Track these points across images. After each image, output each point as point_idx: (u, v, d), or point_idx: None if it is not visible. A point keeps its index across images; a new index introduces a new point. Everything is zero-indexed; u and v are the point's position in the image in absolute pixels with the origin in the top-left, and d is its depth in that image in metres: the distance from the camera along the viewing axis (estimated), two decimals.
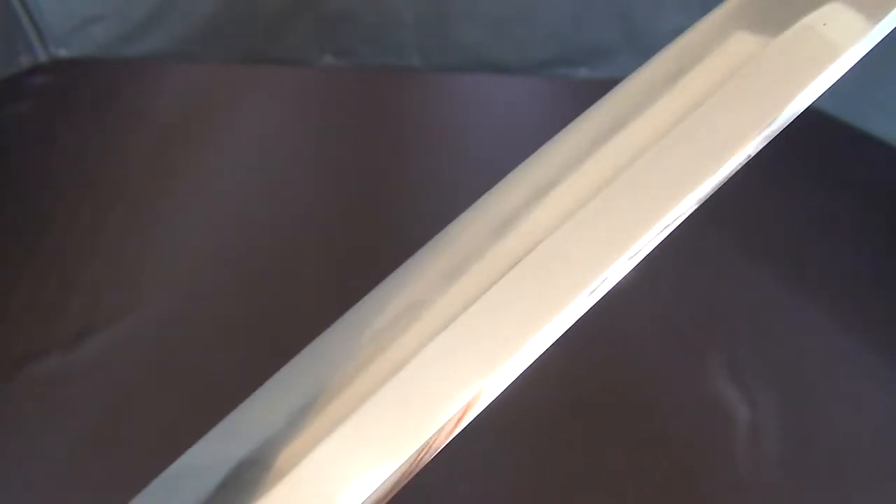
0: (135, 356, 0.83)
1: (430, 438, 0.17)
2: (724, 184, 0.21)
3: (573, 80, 1.31)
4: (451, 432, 0.18)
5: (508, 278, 0.19)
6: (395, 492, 0.17)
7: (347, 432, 0.17)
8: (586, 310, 0.19)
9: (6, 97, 1.21)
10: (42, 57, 1.29)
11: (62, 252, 0.96)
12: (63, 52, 1.30)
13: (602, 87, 0.23)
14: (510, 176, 0.22)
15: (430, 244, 0.21)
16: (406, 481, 0.17)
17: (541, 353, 0.19)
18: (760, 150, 0.24)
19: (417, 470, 0.18)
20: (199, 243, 0.99)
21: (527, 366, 0.19)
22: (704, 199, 0.20)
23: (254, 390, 0.20)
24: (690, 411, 0.81)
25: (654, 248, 0.20)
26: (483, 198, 0.21)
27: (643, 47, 1.30)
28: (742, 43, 0.21)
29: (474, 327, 0.18)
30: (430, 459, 0.18)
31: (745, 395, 0.80)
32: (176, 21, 1.28)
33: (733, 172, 0.20)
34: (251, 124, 1.22)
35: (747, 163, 0.23)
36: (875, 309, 0.93)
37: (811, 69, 0.20)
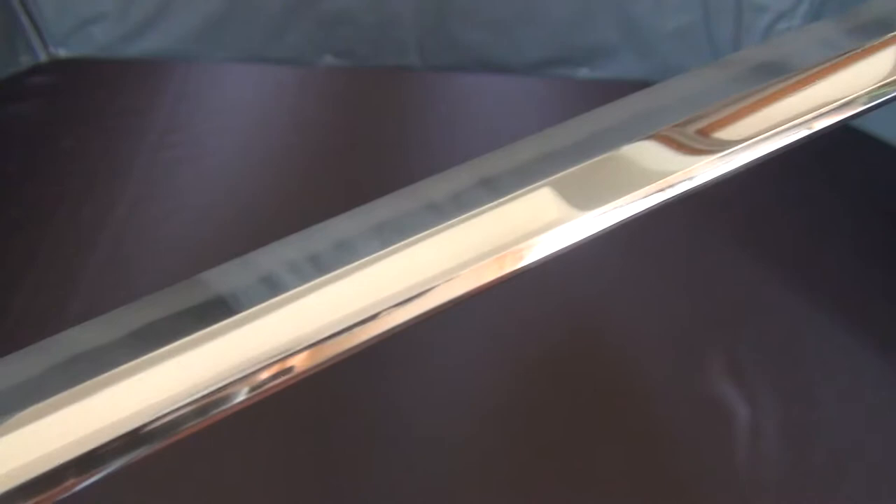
0: None
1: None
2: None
3: (573, 80, 1.31)
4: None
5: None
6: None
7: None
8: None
9: (6, 97, 1.21)
10: (42, 57, 1.29)
11: (62, 252, 0.96)
12: (63, 52, 1.30)
13: (602, 87, 0.23)
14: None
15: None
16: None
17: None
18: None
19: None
20: (198, 243, 0.99)
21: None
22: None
23: None
24: (690, 411, 0.81)
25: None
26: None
27: (643, 47, 1.30)
28: None
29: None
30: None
31: (745, 395, 0.80)
32: (176, 21, 1.28)
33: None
34: (251, 124, 1.22)
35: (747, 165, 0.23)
36: (875, 308, 0.93)
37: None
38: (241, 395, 0.17)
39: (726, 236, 1.01)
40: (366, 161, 1.14)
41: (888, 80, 0.23)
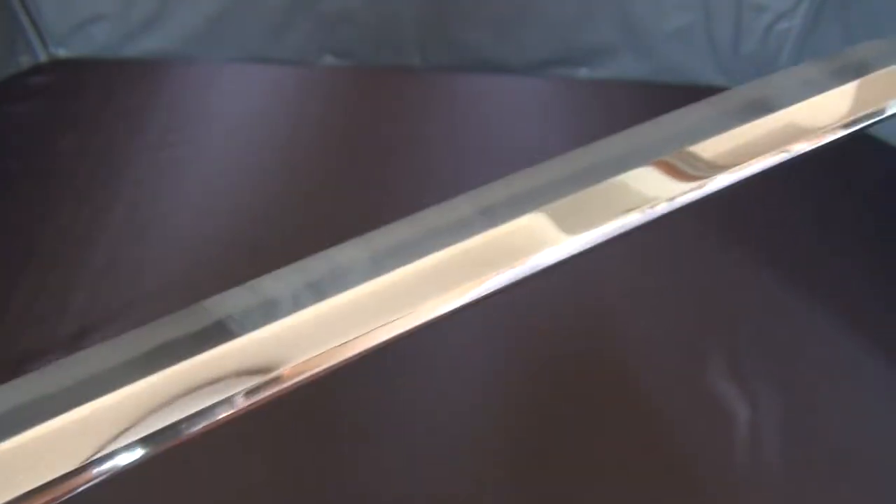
0: None
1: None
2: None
3: (573, 80, 1.31)
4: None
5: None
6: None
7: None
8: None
9: (6, 97, 1.21)
10: (42, 57, 1.29)
11: (62, 252, 0.96)
12: (63, 52, 1.30)
13: (602, 87, 0.23)
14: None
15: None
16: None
17: None
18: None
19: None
20: (198, 243, 0.99)
21: None
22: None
23: None
24: (690, 411, 0.82)
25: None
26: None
27: (643, 47, 1.29)
28: None
29: None
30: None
31: (745, 395, 0.80)
32: (176, 21, 1.28)
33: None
34: (251, 124, 1.22)
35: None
36: (874, 309, 0.93)
37: None
38: (241, 404, 0.19)
39: (729, 239, 1.01)
40: (366, 161, 1.14)
41: (863, 113, 0.26)
